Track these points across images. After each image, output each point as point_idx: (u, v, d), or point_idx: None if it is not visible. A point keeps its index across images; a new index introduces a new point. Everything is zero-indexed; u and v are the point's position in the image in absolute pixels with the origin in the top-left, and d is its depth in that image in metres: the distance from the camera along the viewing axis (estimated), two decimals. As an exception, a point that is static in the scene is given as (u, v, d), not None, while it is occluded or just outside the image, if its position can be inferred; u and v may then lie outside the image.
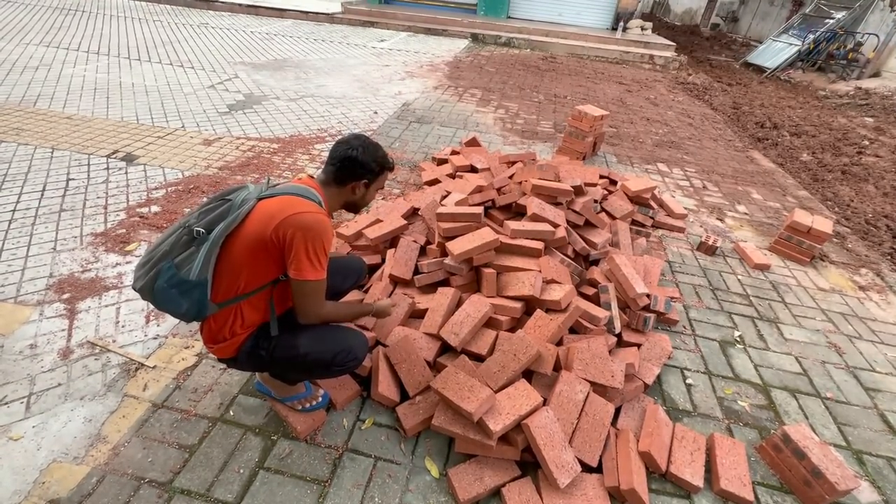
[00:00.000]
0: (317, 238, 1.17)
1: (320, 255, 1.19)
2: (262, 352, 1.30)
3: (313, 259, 1.18)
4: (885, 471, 1.61)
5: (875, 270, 2.83)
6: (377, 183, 1.40)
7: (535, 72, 7.04)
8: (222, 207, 1.21)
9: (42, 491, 1.28)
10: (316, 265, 1.19)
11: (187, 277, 1.15)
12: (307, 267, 1.18)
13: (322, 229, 1.18)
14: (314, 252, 1.18)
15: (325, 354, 1.33)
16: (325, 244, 1.20)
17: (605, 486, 1.37)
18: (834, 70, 9.00)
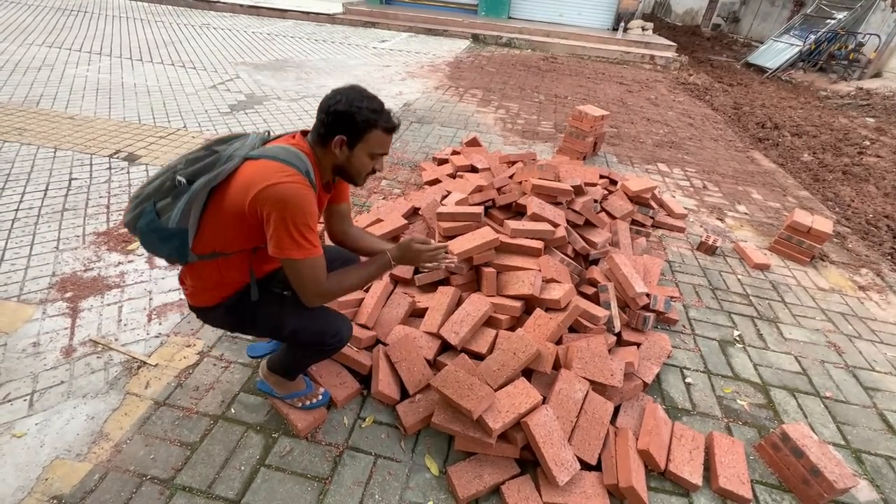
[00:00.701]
0: (296, 212, 1.04)
1: (303, 230, 1.06)
2: (245, 315, 1.27)
3: (296, 236, 1.06)
4: (883, 469, 1.61)
5: (875, 270, 2.83)
6: (366, 144, 1.15)
7: (536, 72, 7.05)
8: (209, 159, 1.12)
9: (45, 488, 1.29)
10: (301, 242, 1.06)
11: (166, 225, 1.11)
12: (289, 244, 1.06)
13: (301, 202, 1.05)
14: (295, 228, 1.05)
15: (312, 336, 1.30)
16: (308, 217, 1.07)
17: (604, 484, 1.38)
18: (835, 70, 8.99)
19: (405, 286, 2.00)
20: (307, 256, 1.09)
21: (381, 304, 1.87)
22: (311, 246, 1.08)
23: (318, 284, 1.13)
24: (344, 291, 1.21)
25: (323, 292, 1.15)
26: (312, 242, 1.09)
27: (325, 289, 1.15)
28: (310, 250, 1.08)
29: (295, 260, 1.08)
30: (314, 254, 1.09)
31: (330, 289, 1.17)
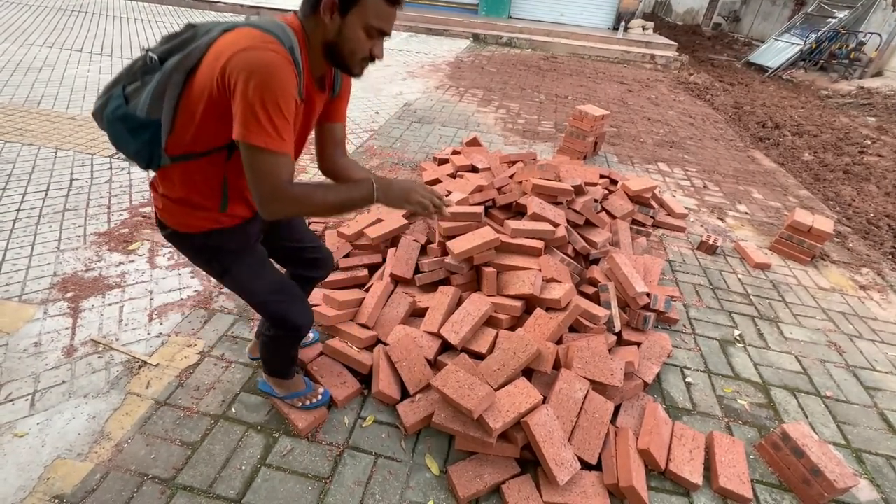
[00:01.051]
0: (268, 87, 0.84)
1: (272, 112, 0.85)
2: (220, 260, 1.16)
3: (262, 117, 0.85)
4: (884, 469, 1.61)
5: (876, 270, 2.83)
6: (362, 11, 0.93)
7: (537, 72, 7.05)
8: (186, 35, 0.97)
9: (46, 487, 1.29)
10: (266, 126, 0.85)
11: (134, 112, 0.95)
12: (253, 126, 0.85)
13: (276, 74, 0.85)
14: (262, 106, 0.84)
15: (281, 312, 1.25)
16: (281, 98, 0.86)
17: (605, 484, 1.38)
18: (836, 70, 8.98)
19: (405, 286, 2.00)
20: (269, 147, 0.87)
21: (382, 303, 1.88)
22: (278, 137, 0.88)
23: (277, 184, 0.91)
24: (309, 206, 0.98)
25: (282, 196, 0.92)
26: (281, 133, 0.88)
27: (286, 193, 0.92)
28: (275, 141, 0.87)
29: (254, 147, 0.87)
30: (279, 147, 0.88)
31: (293, 195, 0.93)
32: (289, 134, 0.91)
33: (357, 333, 1.76)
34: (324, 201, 0.99)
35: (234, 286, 1.23)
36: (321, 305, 1.84)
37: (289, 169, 0.93)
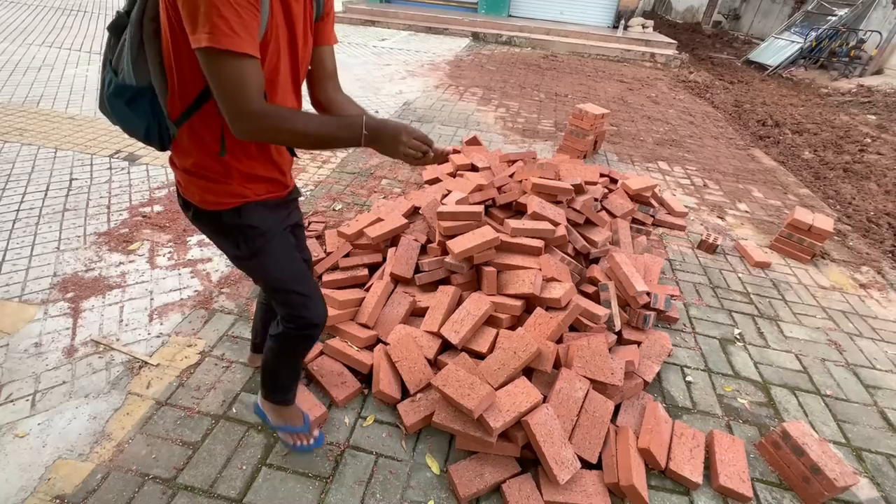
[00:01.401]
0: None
1: (219, 2, 0.71)
2: (242, 244, 1.07)
3: (202, 7, 0.71)
4: (884, 467, 1.61)
5: (876, 268, 2.83)
6: None
7: (536, 70, 7.04)
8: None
9: (48, 487, 1.30)
10: (213, 19, 0.72)
11: (124, 81, 0.87)
12: (198, 23, 0.72)
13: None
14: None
15: (301, 304, 1.17)
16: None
17: (605, 483, 1.38)
18: (836, 68, 8.97)
19: (405, 286, 2.00)
20: (221, 46, 0.73)
21: (382, 303, 1.88)
22: (231, 32, 0.73)
23: (244, 98, 0.78)
24: (285, 128, 0.84)
25: (252, 113, 0.80)
26: (234, 27, 0.73)
27: (257, 109, 0.80)
28: (228, 37, 0.73)
29: (205, 51, 0.74)
30: (235, 45, 0.74)
31: (265, 112, 0.81)
32: (247, 30, 0.75)
33: (357, 333, 1.76)
34: (304, 127, 0.86)
35: (258, 271, 1.14)
36: (321, 305, 1.84)
37: (255, 74, 0.79)
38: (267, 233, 1.09)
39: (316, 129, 0.89)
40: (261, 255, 1.10)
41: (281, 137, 0.90)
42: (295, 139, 0.89)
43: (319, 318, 1.21)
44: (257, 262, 1.11)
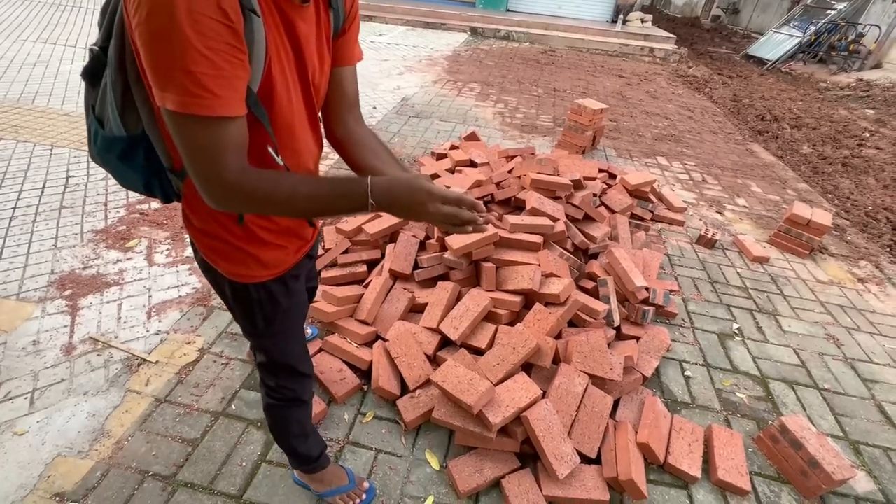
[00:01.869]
0: (156, 4, 0.52)
1: (176, 45, 0.53)
2: (256, 318, 0.93)
3: (161, 57, 0.54)
4: (881, 460, 1.62)
5: (874, 262, 2.83)
6: None
7: (535, 65, 7.01)
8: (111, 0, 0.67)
9: (47, 485, 1.30)
10: (183, 80, 0.54)
11: (112, 133, 0.72)
12: (157, 76, 0.56)
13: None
14: (156, 38, 0.53)
15: (296, 377, 1.08)
16: (183, 15, 0.52)
17: (604, 477, 1.39)
18: (835, 62, 8.95)
19: (404, 282, 2.00)
20: (190, 112, 0.56)
21: (381, 299, 1.87)
22: (204, 92, 0.55)
23: (218, 165, 0.61)
24: (269, 201, 0.66)
25: (227, 184, 0.62)
26: (207, 85, 0.55)
27: (233, 179, 0.62)
28: (201, 100, 0.55)
29: (169, 112, 0.57)
30: (211, 110, 0.57)
31: (242, 183, 0.63)
32: (227, 84, 0.57)
33: (356, 329, 1.76)
34: (291, 197, 0.66)
35: (269, 347, 1.01)
36: (320, 302, 1.84)
37: (236, 139, 0.62)
38: (290, 308, 0.97)
39: (306, 199, 0.67)
40: (278, 333, 0.99)
41: (263, 210, 0.73)
42: (280, 211, 0.72)
43: (308, 394, 1.15)
44: (273, 339, 1.00)
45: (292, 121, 0.75)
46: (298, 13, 0.68)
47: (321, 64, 0.77)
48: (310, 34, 0.72)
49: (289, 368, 1.06)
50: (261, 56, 0.63)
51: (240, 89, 0.60)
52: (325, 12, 0.75)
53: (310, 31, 0.72)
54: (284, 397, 1.09)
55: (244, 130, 0.64)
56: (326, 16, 0.76)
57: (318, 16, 0.73)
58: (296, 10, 0.67)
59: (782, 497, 1.47)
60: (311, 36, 0.72)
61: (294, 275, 0.95)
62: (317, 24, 0.73)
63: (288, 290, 0.94)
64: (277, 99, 0.69)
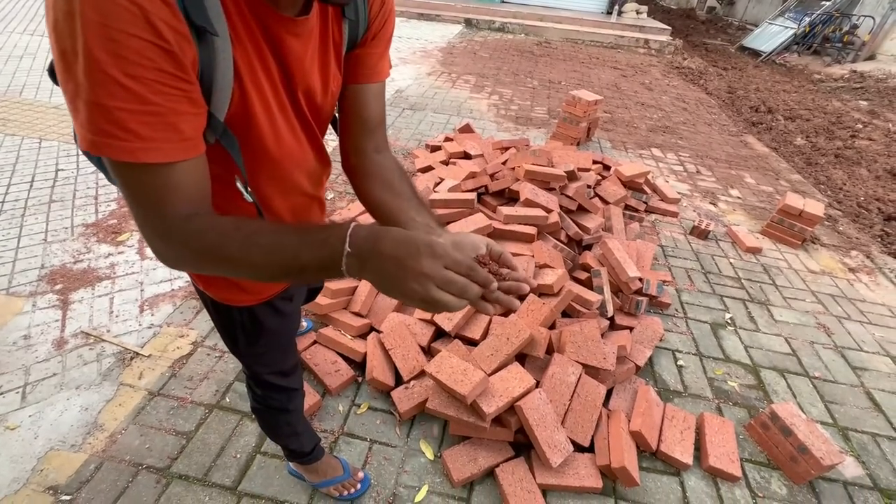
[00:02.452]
0: (66, 30, 0.40)
1: (92, 79, 0.41)
2: (238, 338, 0.89)
3: (78, 94, 0.42)
4: (869, 446, 1.65)
5: (865, 252, 2.86)
6: None
7: (530, 57, 6.97)
8: None
9: (41, 479, 1.29)
10: (95, 115, 0.42)
11: (83, 148, 0.56)
12: (76, 115, 0.44)
13: (95, 7, 0.39)
14: (70, 72, 0.42)
15: (281, 392, 1.05)
16: (98, 41, 0.39)
17: (597, 465, 1.40)
18: (829, 53, 8.96)
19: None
20: (115, 156, 0.45)
21: (375, 291, 1.87)
22: (121, 132, 0.43)
23: (150, 216, 0.50)
24: (220, 260, 0.52)
25: (166, 238, 0.51)
26: (125, 123, 0.43)
27: (172, 233, 0.50)
28: (115, 142, 0.44)
29: (108, 158, 0.46)
30: (129, 155, 0.44)
31: (186, 237, 0.50)
32: (148, 121, 0.44)
33: (350, 321, 1.76)
34: (246, 250, 0.51)
35: (253, 364, 0.98)
36: (314, 294, 1.83)
37: (176, 188, 0.49)
38: (276, 329, 0.90)
39: (266, 252, 0.51)
40: (262, 353, 0.94)
41: (217, 269, 0.56)
42: (237, 269, 0.54)
43: (296, 403, 1.12)
44: (255, 358, 0.96)
45: (277, 148, 0.63)
46: (287, 28, 0.55)
47: (324, 83, 0.65)
48: (305, 51, 0.59)
49: (273, 385, 1.02)
50: (226, 82, 0.51)
51: (182, 129, 0.47)
52: (335, 23, 0.63)
53: (305, 47, 0.59)
54: (270, 406, 1.08)
55: (194, 174, 0.50)
56: (338, 27, 0.63)
57: (326, 28, 0.62)
58: (283, 24, 0.54)
59: (772, 482, 1.49)
60: (308, 53, 0.60)
61: (287, 296, 0.88)
62: (321, 37, 0.61)
63: (276, 312, 0.86)
64: (257, 126, 0.58)
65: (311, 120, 0.66)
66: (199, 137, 0.50)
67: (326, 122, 0.72)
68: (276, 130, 0.62)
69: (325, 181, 0.81)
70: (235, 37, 0.51)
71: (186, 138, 0.48)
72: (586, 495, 1.38)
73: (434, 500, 1.34)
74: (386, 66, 0.74)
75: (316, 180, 0.76)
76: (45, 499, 1.25)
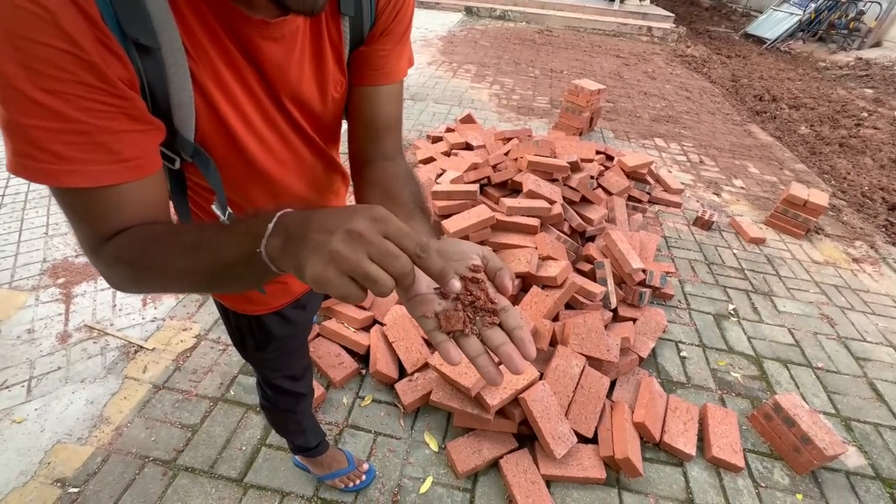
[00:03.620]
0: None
1: (13, 102, 0.37)
2: (246, 343, 0.87)
3: (3, 100, 0.37)
4: (871, 436, 1.66)
5: (869, 243, 2.84)
6: None
7: (531, 46, 6.89)
8: None
9: (48, 471, 1.30)
10: (13, 133, 0.38)
11: None
12: (2, 126, 0.39)
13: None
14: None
15: (288, 395, 1.06)
16: (24, 66, 0.35)
17: (601, 456, 1.41)
18: (835, 40, 8.83)
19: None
20: (14, 172, 0.40)
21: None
22: (31, 148, 0.39)
23: (83, 238, 0.47)
24: (144, 270, 0.46)
25: (96, 259, 0.47)
26: (36, 140, 0.38)
27: (109, 247, 0.46)
28: (26, 156, 0.39)
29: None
30: (43, 174, 0.40)
31: (116, 248, 0.46)
32: (72, 140, 0.39)
33: (354, 314, 1.75)
34: (169, 258, 0.45)
35: (261, 368, 0.99)
36: (317, 287, 1.83)
37: (114, 211, 0.45)
38: (286, 337, 0.88)
39: (187, 256, 0.44)
40: (270, 359, 0.93)
41: (151, 283, 0.49)
42: (165, 280, 0.47)
43: (304, 406, 1.13)
44: (264, 364, 0.96)
45: (269, 161, 0.58)
46: (261, 32, 0.48)
47: (322, 88, 0.59)
48: (288, 56, 0.53)
49: (282, 389, 1.03)
50: (185, 97, 0.46)
51: (117, 149, 0.41)
52: (331, 21, 0.55)
53: (288, 51, 0.53)
54: (277, 407, 1.09)
55: (139, 195, 0.45)
56: (336, 25, 0.56)
57: (318, 27, 0.55)
58: (256, 28, 0.48)
59: (775, 473, 1.50)
60: (294, 57, 0.54)
61: (299, 305, 0.85)
62: (313, 38, 0.55)
63: (286, 321, 0.84)
64: (239, 141, 0.53)
65: (308, 130, 0.61)
66: (148, 156, 0.45)
67: (332, 129, 0.67)
68: (265, 144, 0.57)
69: (342, 189, 0.77)
70: (194, 47, 0.45)
71: (123, 159, 0.42)
72: (590, 486, 1.39)
73: (438, 492, 1.35)
74: (399, 66, 0.64)
75: (324, 189, 0.72)
76: (54, 491, 1.26)
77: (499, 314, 0.40)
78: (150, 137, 0.45)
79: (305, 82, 0.56)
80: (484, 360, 0.39)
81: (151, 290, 0.55)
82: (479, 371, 0.40)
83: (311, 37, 0.55)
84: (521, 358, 0.38)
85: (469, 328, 0.39)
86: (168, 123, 0.47)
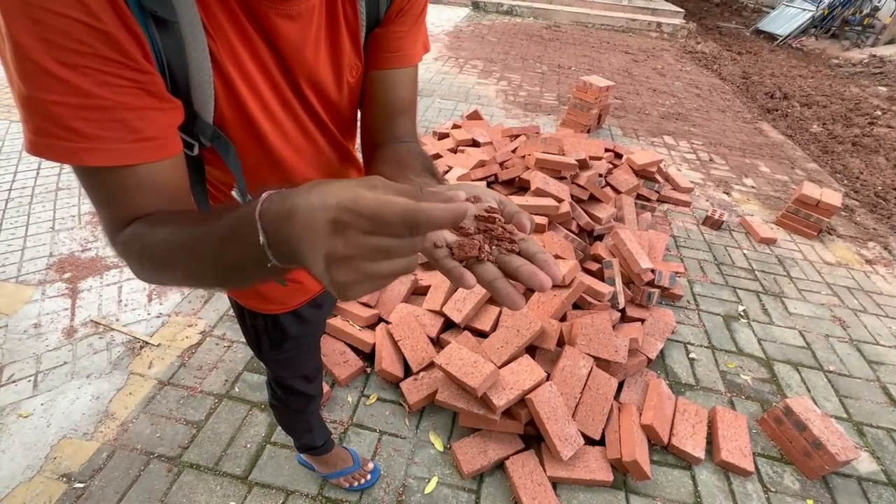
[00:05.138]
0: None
1: (23, 72, 0.34)
2: (262, 344, 0.86)
3: (17, 90, 0.36)
4: (885, 442, 1.63)
5: (883, 244, 2.79)
6: None
7: (539, 41, 6.82)
8: None
9: (54, 466, 1.30)
10: (31, 112, 0.36)
11: None
12: (19, 105, 0.37)
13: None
14: (10, 64, 0.35)
15: (299, 396, 1.06)
16: (22, 30, 0.33)
17: (608, 458, 1.39)
18: (848, 37, 8.68)
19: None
20: (33, 152, 0.38)
21: (383, 282, 1.85)
22: (52, 125, 0.36)
23: (109, 219, 0.44)
24: (150, 265, 0.43)
25: (114, 243, 0.45)
26: (57, 116, 0.36)
27: (116, 238, 0.44)
28: (46, 134, 0.37)
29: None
30: (64, 152, 0.38)
31: (129, 237, 0.43)
32: (93, 116, 0.37)
33: (359, 312, 1.74)
34: (168, 252, 0.41)
35: (275, 369, 0.99)
36: (322, 284, 1.82)
37: (135, 193, 0.43)
38: (301, 336, 0.88)
39: (187, 246, 0.40)
40: (283, 358, 0.92)
41: (165, 278, 0.45)
42: (172, 274, 0.44)
43: (312, 408, 1.14)
44: (277, 363, 0.95)
45: (286, 149, 0.57)
46: (276, 9, 0.47)
47: (337, 72, 0.57)
48: (304, 35, 0.51)
49: (294, 390, 1.04)
50: (204, 76, 0.45)
51: (137, 126, 0.40)
52: (347, 1, 0.54)
53: (304, 31, 0.51)
54: (288, 407, 1.10)
55: (161, 178, 0.44)
56: (351, 4, 0.54)
57: (334, 6, 0.53)
58: (271, 4, 0.46)
59: (785, 477, 1.47)
60: (310, 37, 0.52)
61: (316, 305, 0.85)
62: (328, 18, 0.53)
63: (302, 321, 0.84)
64: (257, 126, 0.52)
65: (324, 118, 0.59)
66: (168, 137, 0.43)
67: (348, 119, 0.64)
68: (282, 129, 0.55)
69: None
70: (211, 23, 0.43)
71: (145, 138, 0.40)
72: (597, 489, 1.37)
73: (444, 492, 1.34)
74: (415, 49, 0.62)
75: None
76: (59, 486, 1.26)
77: (517, 243, 0.36)
78: (170, 117, 0.43)
79: (322, 64, 0.55)
80: (502, 283, 0.34)
81: (166, 284, 0.54)
82: (496, 296, 0.34)
83: (326, 16, 0.53)
84: (544, 274, 0.34)
85: (485, 255, 0.35)
86: (187, 105, 0.45)
